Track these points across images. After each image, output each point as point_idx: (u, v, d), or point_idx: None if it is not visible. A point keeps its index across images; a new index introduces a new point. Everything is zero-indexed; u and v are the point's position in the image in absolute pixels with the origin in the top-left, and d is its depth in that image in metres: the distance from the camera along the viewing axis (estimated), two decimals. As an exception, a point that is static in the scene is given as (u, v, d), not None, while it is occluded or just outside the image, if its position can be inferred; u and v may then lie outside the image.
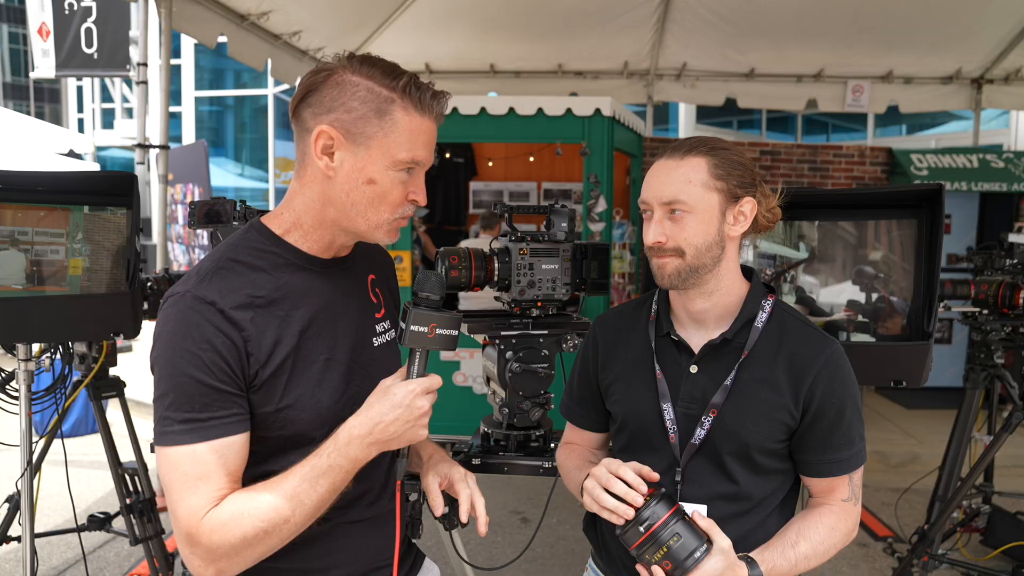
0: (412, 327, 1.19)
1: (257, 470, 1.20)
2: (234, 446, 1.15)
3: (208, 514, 1.11)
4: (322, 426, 1.21)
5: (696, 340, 1.42)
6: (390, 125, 1.17)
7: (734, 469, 1.37)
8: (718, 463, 1.38)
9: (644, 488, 1.27)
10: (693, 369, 1.40)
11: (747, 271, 1.46)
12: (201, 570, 1.13)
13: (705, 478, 1.38)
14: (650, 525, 1.23)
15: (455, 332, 1.22)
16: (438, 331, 1.20)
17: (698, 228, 1.33)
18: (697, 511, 1.31)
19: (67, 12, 4.41)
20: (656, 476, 1.32)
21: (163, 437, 1.13)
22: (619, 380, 1.49)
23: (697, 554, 1.23)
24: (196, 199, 2.27)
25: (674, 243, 1.34)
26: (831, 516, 1.39)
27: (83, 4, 4.37)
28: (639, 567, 1.28)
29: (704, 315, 1.41)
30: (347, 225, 1.23)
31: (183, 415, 1.11)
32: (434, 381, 1.21)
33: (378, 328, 1.37)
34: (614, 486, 1.27)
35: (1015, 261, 2.92)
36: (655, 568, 1.25)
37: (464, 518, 1.35)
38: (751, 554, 1.31)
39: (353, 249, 1.35)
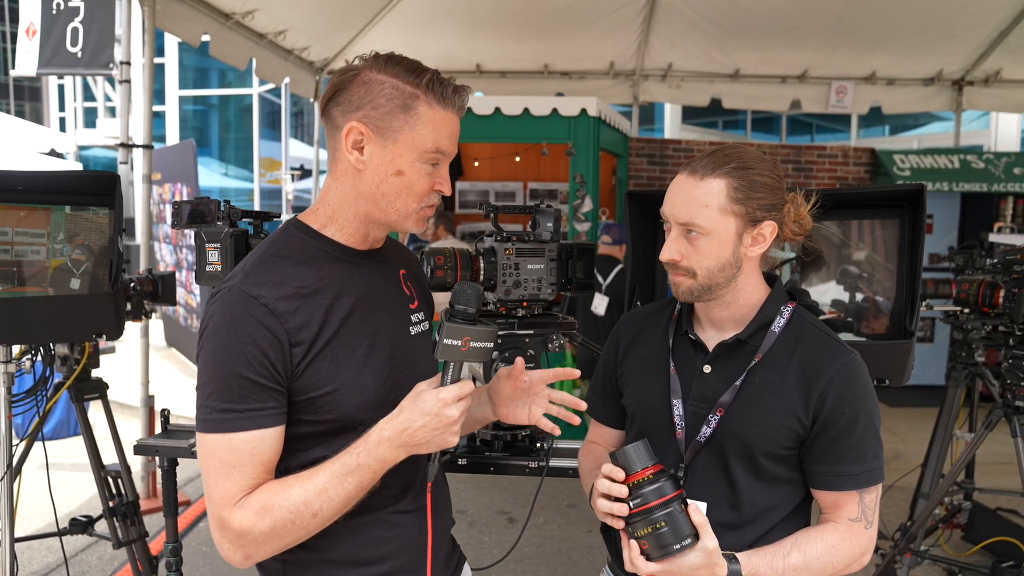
0: (446, 340, 1.20)
1: (308, 456, 1.24)
2: (267, 438, 1.19)
3: (240, 501, 1.17)
4: (368, 409, 1.25)
5: (712, 340, 1.42)
6: (415, 119, 1.23)
7: (738, 472, 1.35)
8: (722, 464, 1.36)
9: (622, 476, 1.26)
10: (706, 369, 1.40)
11: (770, 279, 1.45)
12: (230, 554, 1.19)
13: (708, 478, 1.37)
14: (646, 501, 1.23)
15: (489, 345, 1.22)
16: (472, 344, 1.21)
17: (712, 251, 1.32)
18: (696, 505, 1.29)
19: (54, 12, 4.37)
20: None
21: (203, 424, 1.18)
22: (634, 374, 1.50)
23: (676, 546, 1.22)
24: (184, 199, 2.25)
25: (687, 263, 1.34)
26: (834, 534, 1.34)
27: (70, 4, 4.33)
28: (623, 534, 1.28)
29: (723, 321, 1.42)
30: (379, 216, 1.29)
31: (222, 405, 1.16)
32: (465, 388, 1.21)
33: (413, 319, 1.42)
34: (613, 490, 1.27)
35: (995, 261, 2.96)
36: (633, 542, 1.25)
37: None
38: (737, 554, 1.29)
39: (384, 244, 1.41)
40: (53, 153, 8.31)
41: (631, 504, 1.24)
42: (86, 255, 2.57)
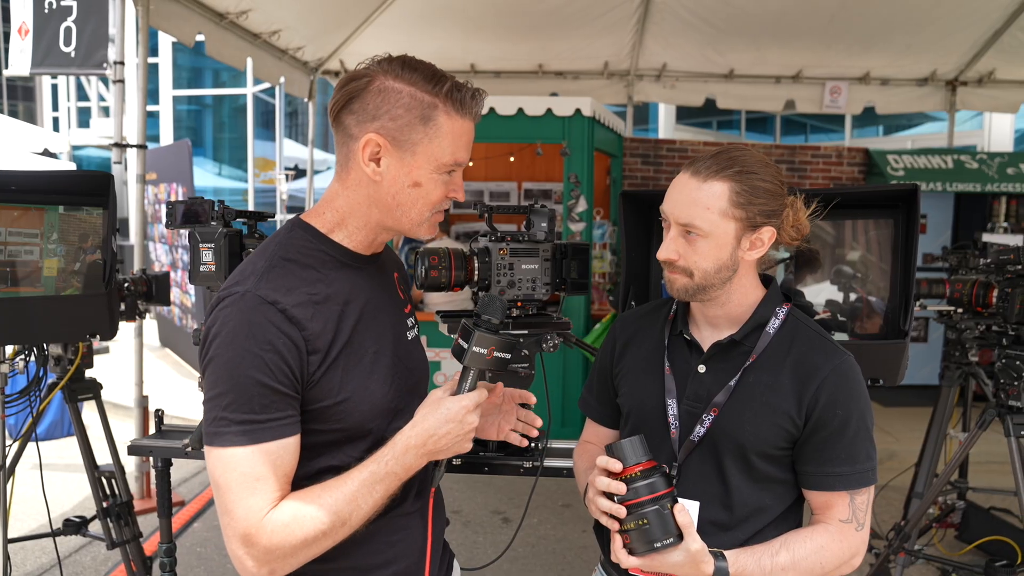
0: (475, 348, 1.23)
1: (313, 466, 1.21)
2: (288, 448, 1.16)
3: (268, 515, 1.12)
4: (376, 417, 1.24)
5: (708, 341, 1.42)
6: (434, 130, 1.21)
7: (731, 472, 1.35)
8: (716, 463, 1.36)
9: (619, 467, 1.27)
10: (701, 369, 1.40)
11: (766, 279, 1.46)
12: (254, 570, 1.14)
13: (701, 477, 1.38)
14: (636, 495, 1.24)
15: (508, 355, 1.26)
16: (496, 354, 1.24)
17: (710, 253, 1.33)
18: (684, 506, 1.29)
19: (47, 11, 4.35)
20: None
21: (219, 438, 1.12)
22: (629, 373, 1.51)
23: (659, 543, 1.23)
24: (179, 199, 2.25)
25: (685, 263, 1.34)
26: (824, 535, 1.34)
27: (63, 3, 4.31)
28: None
29: (718, 320, 1.42)
30: (391, 224, 1.27)
31: (242, 416, 1.12)
32: (482, 395, 1.24)
33: (408, 323, 1.41)
34: (612, 487, 1.28)
35: (989, 261, 2.96)
36: (618, 535, 1.26)
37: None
38: (725, 551, 1.30)
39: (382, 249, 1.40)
40: (46, 153, 8.28)
41: (625, 497, 1.25)
42: (98, 254, 2.57)
